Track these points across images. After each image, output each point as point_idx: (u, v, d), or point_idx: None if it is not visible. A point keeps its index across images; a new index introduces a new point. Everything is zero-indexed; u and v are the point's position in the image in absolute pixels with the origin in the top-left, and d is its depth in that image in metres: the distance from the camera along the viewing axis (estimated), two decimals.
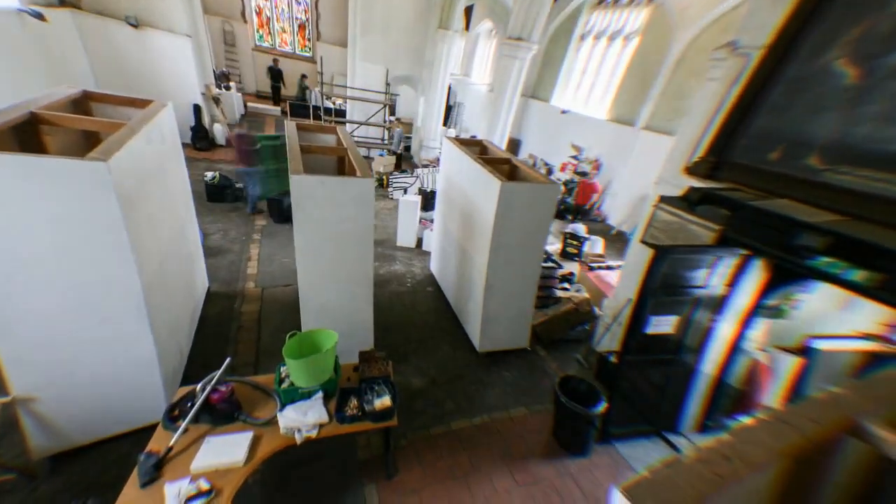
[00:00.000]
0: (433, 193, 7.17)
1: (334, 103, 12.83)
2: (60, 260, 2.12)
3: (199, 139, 8.26)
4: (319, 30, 13.87)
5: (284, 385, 2.44)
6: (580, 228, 6.76)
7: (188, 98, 7.91)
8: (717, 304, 3.07)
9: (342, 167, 3.82)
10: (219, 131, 8.80)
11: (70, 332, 2.28)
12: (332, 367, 2.54)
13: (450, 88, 12.31)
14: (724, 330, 3.15)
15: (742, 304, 3.08)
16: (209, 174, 6.24)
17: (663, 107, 7.68)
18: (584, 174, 9.01)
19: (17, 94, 3.76)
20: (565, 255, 6.58)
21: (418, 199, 6.08)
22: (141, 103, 3.29)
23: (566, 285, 5.50)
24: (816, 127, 2.69)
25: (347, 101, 10.39)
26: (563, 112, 10.04)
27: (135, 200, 2.35)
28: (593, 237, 6.75)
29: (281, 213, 5.96)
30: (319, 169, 3.71)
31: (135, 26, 6.94)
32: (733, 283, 3.01)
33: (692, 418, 3.39)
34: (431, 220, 6.30)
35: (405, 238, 6.06)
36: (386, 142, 9.92)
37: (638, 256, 3.73)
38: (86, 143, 3.00)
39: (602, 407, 3.01)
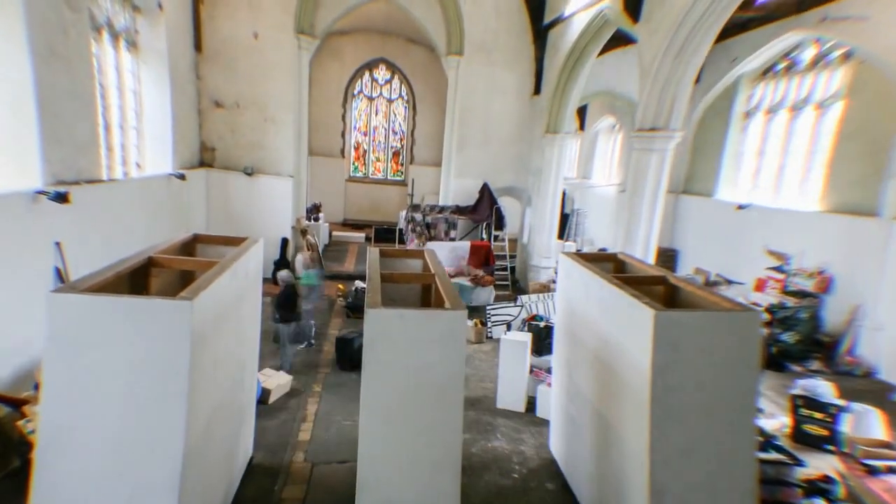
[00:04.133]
0: (548, 330, 7.00)
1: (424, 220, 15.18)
2: (125, 410, 2.62)
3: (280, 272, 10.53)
4: (413, 154, 18.05)
5: None
6: (822, 388, 5.38)
7: (279, 232, 10.57)
8: None
9: (428, 297, 4.17)
10: (299, 262, 11.09)
11: None
12: None
13: (564, 195, 13.48)
14: None
15: None
16: None
17: None
18: (803, 294, 7.78)
19: (148, 239, 5.76)
20: (802, 437, 5.25)
21: (527, 338, 6.00)
22: (237, 241, 4.50)
23: (820, 503, 4.03)
24: None
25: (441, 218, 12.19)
26: (741, 207, 9.68)
27: (206, 339, 2.93)
28: (858, 406, 5.21)
29: (350, 356, 6.52)
30: (401, 300, 4.13)
31: (250, 175, 10.28)
32: None
33: None
34: (549, 371, 5.97)
35: (510, 397, 5.81)
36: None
37: None
38: (181, 282, 4.11)
39: None
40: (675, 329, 2.99)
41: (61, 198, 4.89)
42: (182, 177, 8.41)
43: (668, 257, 11.44)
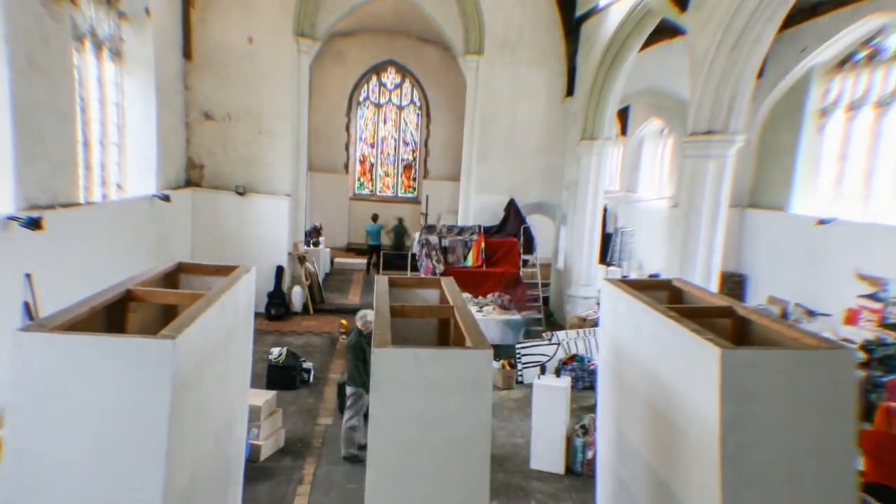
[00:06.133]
0: (591, 374, 6.88)
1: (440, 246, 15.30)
2: (95, 467, 2.64)
3: (275, 305, 10.66)
4: (427, 167, 18.35)
5: None
6: None
7: (274, 259, 10.79)
8: None
9: (446, 334, 4.15)
10: (297, 296, 11.23)
11: None
12: None
13: (605, 211, 13.43)
14: None
15: None
16: (275, 350, 7.63)
17: None
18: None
19: (126, 268, 5.93)
20: None
21: (566, 382, 5.93)
22: (226, 270, 4.59)
23: None
24: None
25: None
26: (822, 223, 9.47)
27: (190, 384, 2.95)
28: None
29: None
30: (414, 338, 4.12)
31: (242, 194, 10.60)
32: None
33: None
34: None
35: (545, 455, 5.76)
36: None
37: None
38: (163, 318, 4.20)
39: None
40: (747, 372, 2.90)
41: (34, 224, 5.12)
42: (166, 198, 8.73)
43: (734, 284, 11.22)
